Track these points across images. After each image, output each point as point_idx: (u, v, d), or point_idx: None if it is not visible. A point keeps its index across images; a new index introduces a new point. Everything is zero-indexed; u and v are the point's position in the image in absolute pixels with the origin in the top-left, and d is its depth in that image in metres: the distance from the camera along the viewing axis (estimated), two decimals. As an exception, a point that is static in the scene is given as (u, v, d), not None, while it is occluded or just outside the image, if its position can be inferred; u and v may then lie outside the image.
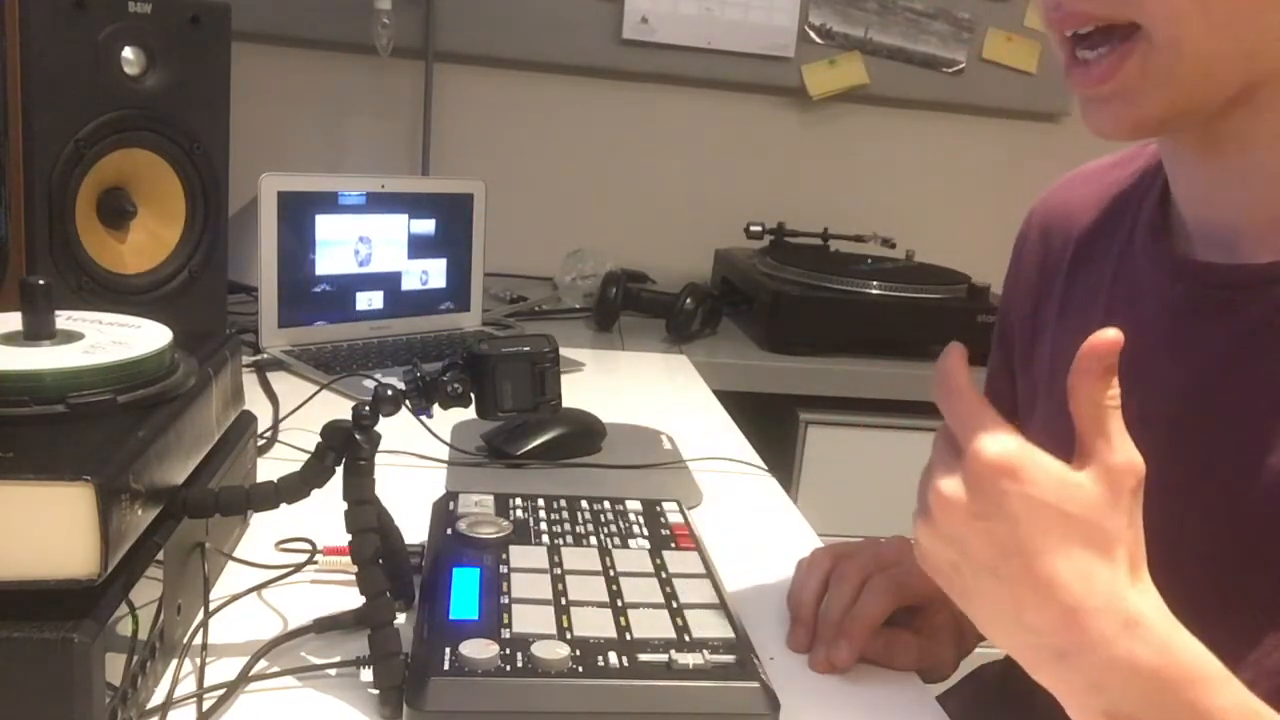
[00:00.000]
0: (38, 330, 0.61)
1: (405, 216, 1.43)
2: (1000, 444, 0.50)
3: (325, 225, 1.35)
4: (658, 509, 0.82)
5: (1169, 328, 0.65)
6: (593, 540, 0.75)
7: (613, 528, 0.78)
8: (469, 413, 0.66)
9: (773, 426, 1.55)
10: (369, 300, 1.41)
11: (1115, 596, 0.49)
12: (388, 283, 1.43)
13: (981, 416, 0.51)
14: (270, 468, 0.81)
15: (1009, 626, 0.52)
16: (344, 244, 1.37)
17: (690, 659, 0.59)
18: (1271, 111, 0.57)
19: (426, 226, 1.45)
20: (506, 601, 0.64)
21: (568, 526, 0.77)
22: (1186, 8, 0.54)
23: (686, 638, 0.62)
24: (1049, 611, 0.50)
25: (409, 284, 1.45)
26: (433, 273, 1.47)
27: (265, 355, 1.28)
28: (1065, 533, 0.49)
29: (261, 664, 0.62)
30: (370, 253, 1.40)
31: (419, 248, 1.45)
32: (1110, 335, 0.50)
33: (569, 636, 0.61)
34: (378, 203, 1.40)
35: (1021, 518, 0.49)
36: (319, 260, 1.35)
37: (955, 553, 0.52)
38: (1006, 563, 0.50)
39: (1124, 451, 0.50)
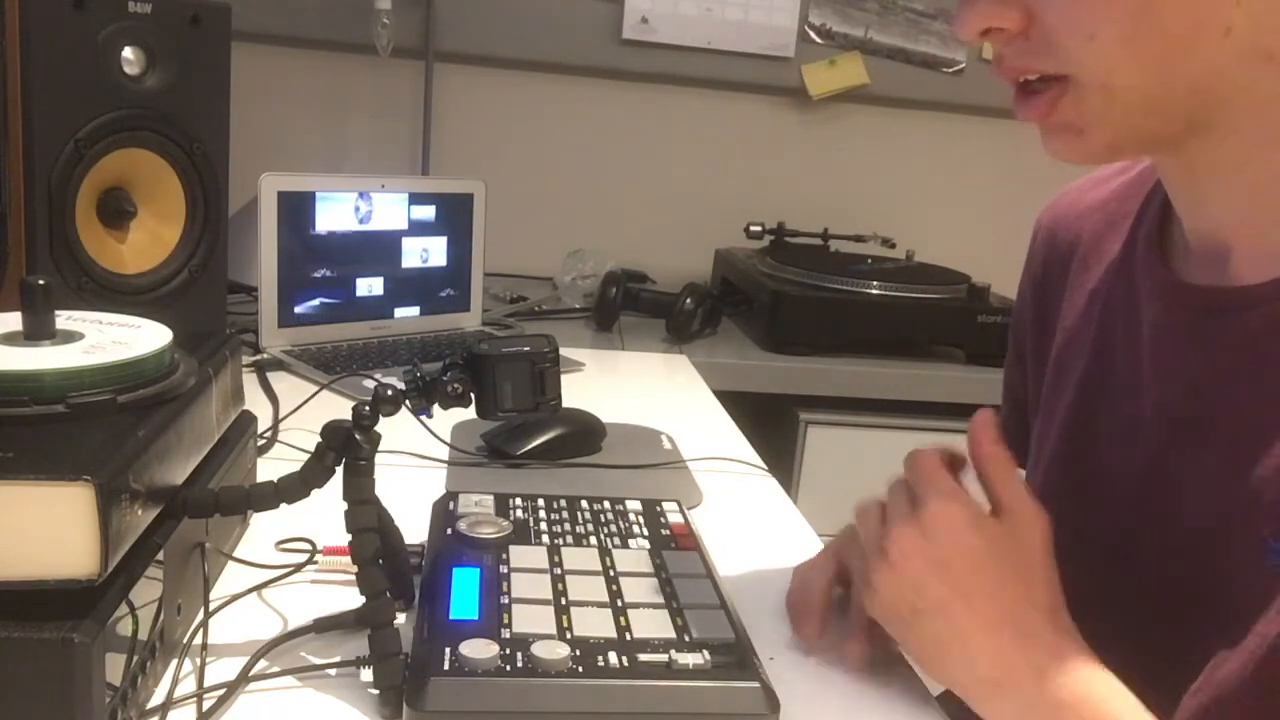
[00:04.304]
0: (38, 330, 0.61)
1: (405, 193, 1.43)
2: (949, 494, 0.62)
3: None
4: (658, 509, 0.82)
5: (1154, 345, 0.66)
6: (593, 540, 0.75)
7: (613, 528, 0.78)
8: (469, 413, 0.66)
9: (773, 426, 1.55)
10: (369, 286, 1.41)
11: (1043, 634, 0.58)
12: (388, 255, 1.42)
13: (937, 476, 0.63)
14: (270, 468, 0.81)
15: (956, 660, 0.60)
16: (344, 200, 1.37)
17: (690, 659, 0.59)
18: (1236, 136, 0.57)
19: (426, 213, 1.45)
20: (506, 601, 0.64)
21: (568, 526, 0.77)
22: (1114, 57, 0.55)
23: (686, 638, 0.62)
24: (992, 644, 0.59)
25: (409, 261, 1.45)
26: (433, 251, 1.47)
27: (265, 355, 1.28)
28: (1001, 577, 0.59)
29: (261, 664, 0.62)
30: (371, 210, 1.39)
31: (419, 231, 1.45)
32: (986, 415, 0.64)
33: (569, 636, 0.61)
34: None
35: (966, 563, 0.60)
36: (319, 217, 1.34)
37: (913, 595, 0.61)
38: (956, 602, 0.59)
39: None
